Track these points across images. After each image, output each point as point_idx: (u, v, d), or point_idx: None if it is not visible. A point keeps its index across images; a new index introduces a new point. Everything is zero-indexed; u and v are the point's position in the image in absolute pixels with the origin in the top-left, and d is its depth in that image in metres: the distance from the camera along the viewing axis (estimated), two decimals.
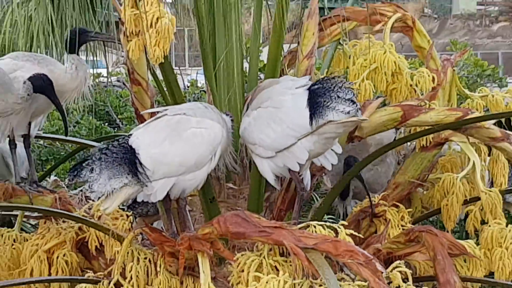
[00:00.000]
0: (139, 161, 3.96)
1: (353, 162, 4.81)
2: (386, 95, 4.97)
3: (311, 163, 4.27)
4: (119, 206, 4.14)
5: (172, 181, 4.03)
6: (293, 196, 4.53)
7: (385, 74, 4.87)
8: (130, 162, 3.96)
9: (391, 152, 5.08)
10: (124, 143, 4.03)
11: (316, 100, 3.96)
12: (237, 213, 4.03)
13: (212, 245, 4.00)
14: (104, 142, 4.52)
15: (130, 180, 3.94)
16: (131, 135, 4.09)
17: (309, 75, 4.73)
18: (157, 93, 4.78)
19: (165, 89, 4.61)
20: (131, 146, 4.01)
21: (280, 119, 4.07)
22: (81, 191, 4.88)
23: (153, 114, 4.28)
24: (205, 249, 3.98)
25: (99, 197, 3.95)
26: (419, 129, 4.69)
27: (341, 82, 3.97)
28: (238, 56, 4.56)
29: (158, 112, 4.23)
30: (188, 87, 9.35)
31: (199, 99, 8.71)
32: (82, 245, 4.67)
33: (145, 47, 4.19)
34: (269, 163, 4.14)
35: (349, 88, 3.95)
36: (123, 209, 4.67)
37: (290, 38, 4.99)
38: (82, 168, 3.95)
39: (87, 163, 3.95)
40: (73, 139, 6.87)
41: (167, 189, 4.03)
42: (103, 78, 8.10)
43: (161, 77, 4.62)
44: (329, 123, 3.95)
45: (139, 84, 4.69)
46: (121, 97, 9.40)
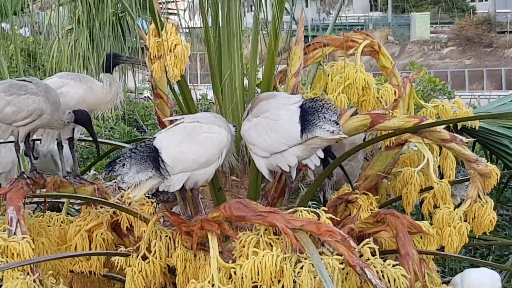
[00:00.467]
0: (161, 159, 3.95)
1: (330, 159, 4.78)
2: (357, 106, 4.95)
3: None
4: (145, 194, 4.13)
5: (187, 175, 4.01)
6: (283, 186, 4.50)
7: (357, 88, 4.84)
8: (154, 159, 3.94)
9: (362, 150, 5.06)
10: (149, 144, 4.01)
11: (307, 117, 3.94)
12: (239, 200, 4.02)
13: (219, 226, 3.99)
14: (133, 143, 4.49)
15: (154, 173, 3.93)
16: (155, 138, 4.07)
17: (297, 89, 4.73)
18: (175, 104, 4.76)
19: (182, 101, 4.60)
20: (155, 146, 3.99)
21: (276, 129, 4.04)
22: (115, 182, 4.86)
23: (172, 121, 4.26)
24: (214, 229, 3.97)
25: (129, 187, 3.94)
26: (384, 133, 4.68)
27: (328, 104, 3.94)
28: (239, 74, 4.54)
29: (176, 119, 4.22)
30: (200, 99, 9.34)
31: (208, 109, 8.70)
32: (116, 225, 4.64)
33: (165, 68, 4.19)
34: (264, 161, 4.11)
35: (334, 110, 3.93)
36: (148, 197, 4.65)
37: (281, 60, 4.98)
38: (115, 164, 3.94)
39: (119, 160, 3.94)
40: (108, 141, 6.87)
41: (183, 181, 4.02)
42: (132, 93, 8.08)
43: (178, 92, 4.61)
44: (316, 137, 3.93)
45: (161, 97, 4.69)
46: (146, 107, 9.40)
